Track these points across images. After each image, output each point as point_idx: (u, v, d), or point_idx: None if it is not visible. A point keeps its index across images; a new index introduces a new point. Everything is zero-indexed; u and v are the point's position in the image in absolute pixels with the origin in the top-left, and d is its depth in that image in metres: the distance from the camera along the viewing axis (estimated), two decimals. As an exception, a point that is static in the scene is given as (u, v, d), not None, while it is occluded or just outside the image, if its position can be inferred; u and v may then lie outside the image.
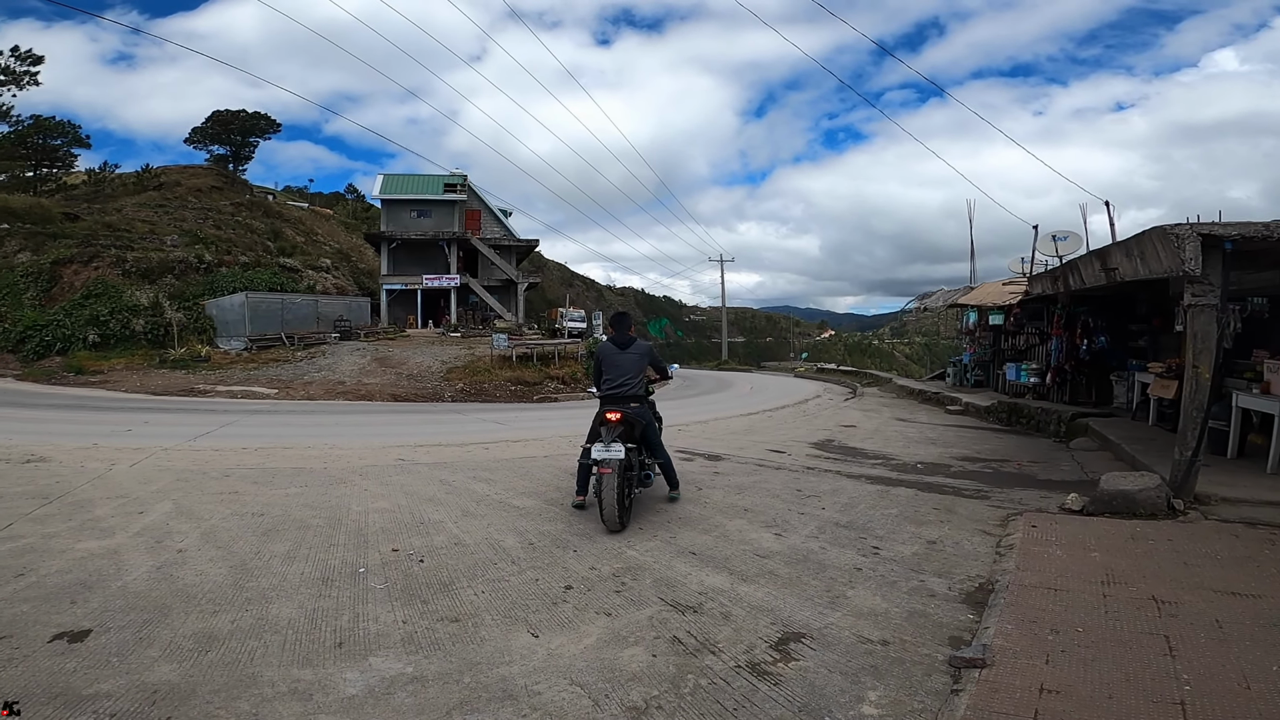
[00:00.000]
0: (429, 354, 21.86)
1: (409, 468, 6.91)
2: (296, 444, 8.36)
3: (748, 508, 5.68)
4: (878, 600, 3.71)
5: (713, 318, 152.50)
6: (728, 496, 6.06)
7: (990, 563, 4.36)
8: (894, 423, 11.91)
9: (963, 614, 3.52)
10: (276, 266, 28.98)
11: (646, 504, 5.67)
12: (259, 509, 5.12)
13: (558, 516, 5.22)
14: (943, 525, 5.25)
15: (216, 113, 41.55)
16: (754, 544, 4.69)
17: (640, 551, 4.44)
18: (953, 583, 4.00)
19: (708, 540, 4.74)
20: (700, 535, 4.85)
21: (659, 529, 4.97)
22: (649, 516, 5.28)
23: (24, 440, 8.20)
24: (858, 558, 4.44)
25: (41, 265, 23.92)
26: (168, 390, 16.79)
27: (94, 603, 3.37)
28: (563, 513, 5.32)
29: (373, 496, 5.61)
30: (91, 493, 5.43)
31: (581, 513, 5.27)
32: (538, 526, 4.93)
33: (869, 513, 5.60)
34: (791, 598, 3.73)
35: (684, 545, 4.61)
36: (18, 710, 2.35)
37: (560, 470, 6.97)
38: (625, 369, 5.28)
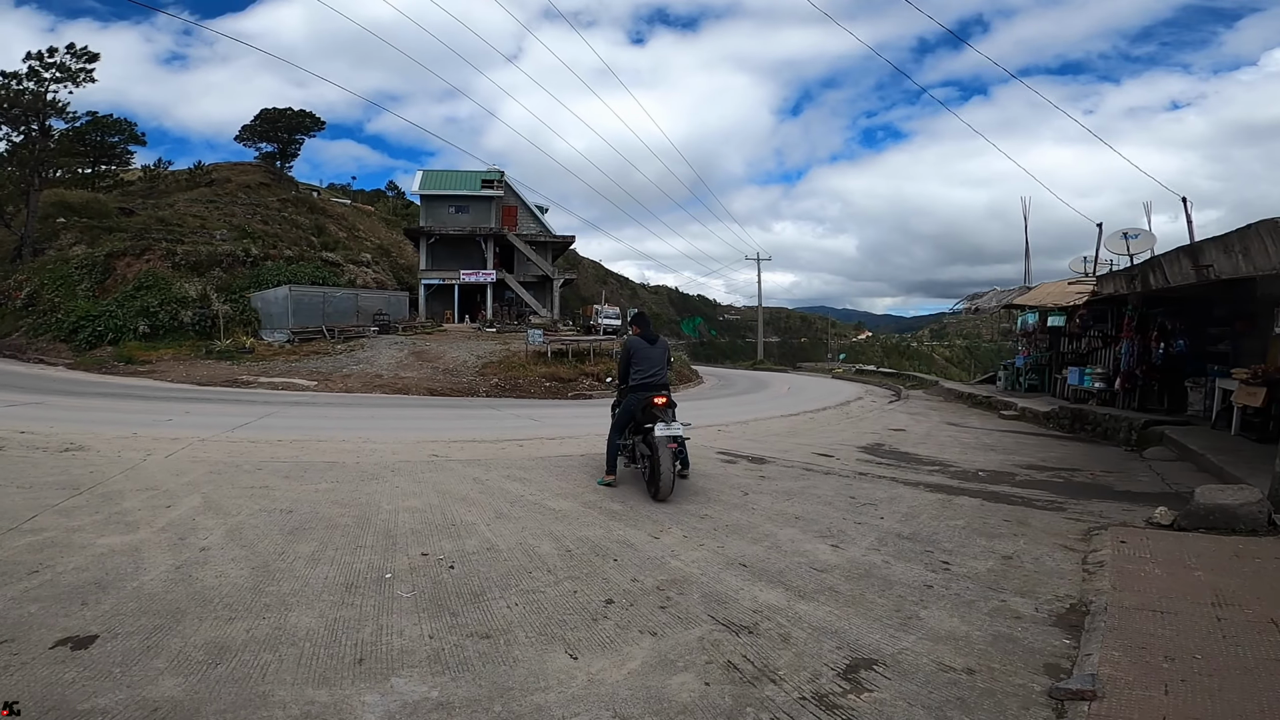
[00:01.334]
0: (465, 349, 21.86)
1: (442, 465, 6.69)
2: (331, 437, 8.24)
3: (799, 515, 5.28)
4: (956, 622, 3.31)
5: (747, 317, 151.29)
6: (776, 503, 5.66)
7: (1078, 581, 3.93)
8: (945, 427, 11.30)
9: (1056, 639, 3.13)
10: (319, 261, 29.46)
11: (685, 508, 5.32)
12: (288, 505, 4.93)
13: (596, 521, 4.90)
14: (1017, 539, 4.79)
15: (264, 111, 42.60)
16: (810, 556, 4.31)
17: (686, 562, 4.09)
18: (1039, 603, 3.58)
19: (758, 551, 4.37)
20: (750, 545, 4.49)
21: (705, 537, 4.62)
22: (692, 523, 4.93)
23: (66, 428, 8.27)
24: (927, 573, 4.03)
25: (95, 258, 24.70)
26: (212, 380, 17.08)
27: (106, 605, 3.17)
28: (601, 517, 5.01)
29: (404, 494, 5.38)
30: (123, 484, 5.32)
31: (620, 518, 4.97)
32: (575, 531, 4.62)
33: (933, 524, 5.15)
34: (857, 618, 3.34)
35: (733, 555, 4.25)
36: (18, 710, 2.27)
37: (598, 470, 6.66)
38: (655, 361, 5.90)
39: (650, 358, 5.88)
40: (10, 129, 25.53)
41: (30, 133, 25.85)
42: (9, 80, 24.87)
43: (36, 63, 25.11)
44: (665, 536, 4.61)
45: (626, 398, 5.92)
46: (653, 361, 5.87)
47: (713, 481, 6.39)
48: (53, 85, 25.49)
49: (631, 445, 5.93)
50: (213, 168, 42.03)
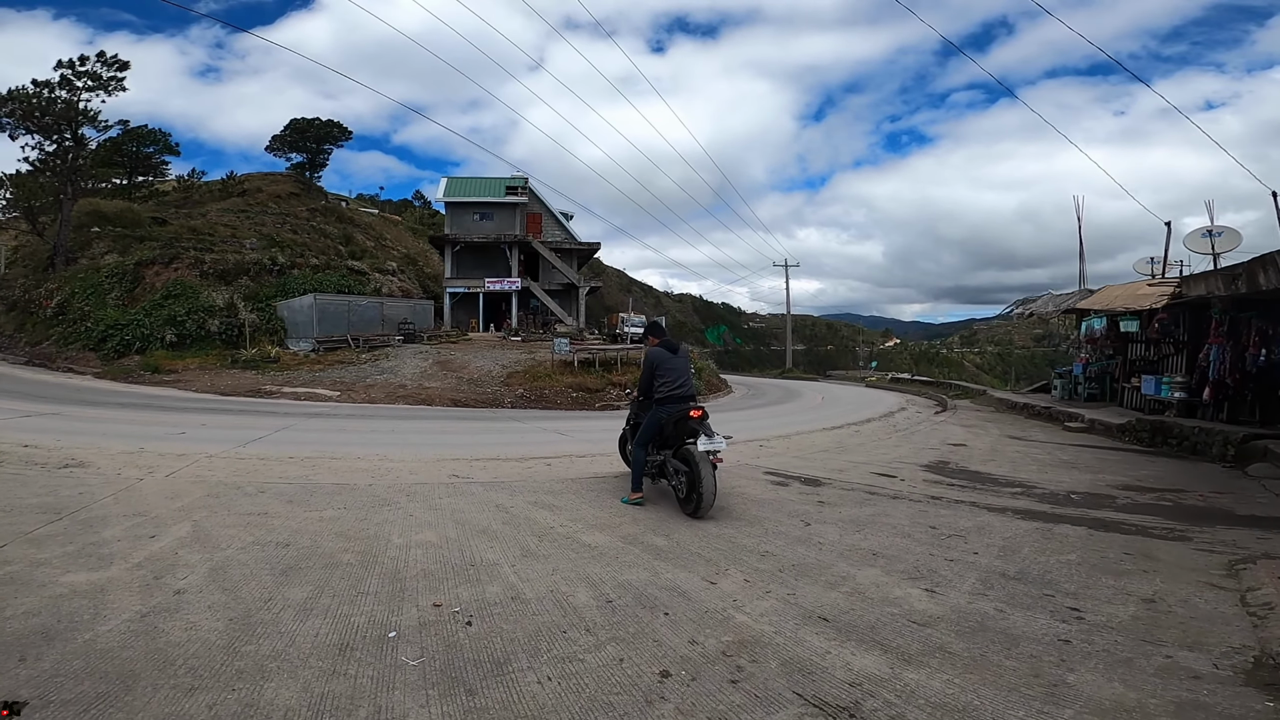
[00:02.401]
0: (489, 358, 21.37)
1: (462, 488, 6.04)
2: (346, 454, 7.66)
3: (876, 551, 4.50)
4: (1118, 687, 2.61)
5: (772, 325, 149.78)
6: (845, 535, 4.89)
7: (1249, 628, 3.20)
8: (1009, 441, 10.35)
9: (1255, 702, 2.46)
10: (345, 269, 29.34)
11: (740, 543, 4.58)
12: (285, 537, 4.31)
13: (638, 560, 4.18)
14: (1149, 576, 4.00)
15: (294, 121, 42.90)
16: (902, 604, 3.55)
17: (753, 616, 3.35)
18: (1215, 658, 2.87)
19: (838, 599, 3.61)
20: (827, 591, 3.73)
21: (770, 580, 3.88)
22: (751, 563, 4.19)
23: (73, 441, 7.82)
24: (1056, 624, 3.28)
25: (125, 266, 24.79)
26: (236, 391, 16.78)
27: (47, 662, 2.57)
28: (644, 555, 4.28)
29: (418, 525, 4.72)
30: (109, 508, 4.76)
31: (667, 557, 4.26)
32: (615, 574, 3.90)
33: (1040, 559, 4.35)
34: (986, 688, 2.62)
35: (808, 606, 3.50)
36: (18, 710, 2.19)
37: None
38: (681, 371, 5.54)
39: (676, 368, 5.53)
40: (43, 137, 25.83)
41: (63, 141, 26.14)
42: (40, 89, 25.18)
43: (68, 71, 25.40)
44: (723, 581, 3.87)
45: (653, 411, 5.53)
46: (678, 372, 5.52)
47: (766, 509, 5.63)
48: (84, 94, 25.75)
49: (662, 461, 5.55)
50: (245, 178, 42.51)
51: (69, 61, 25.62)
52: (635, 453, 5.62)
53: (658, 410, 5.48)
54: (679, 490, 5.35)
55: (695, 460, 5.13)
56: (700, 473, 5.07)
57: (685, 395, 5.50)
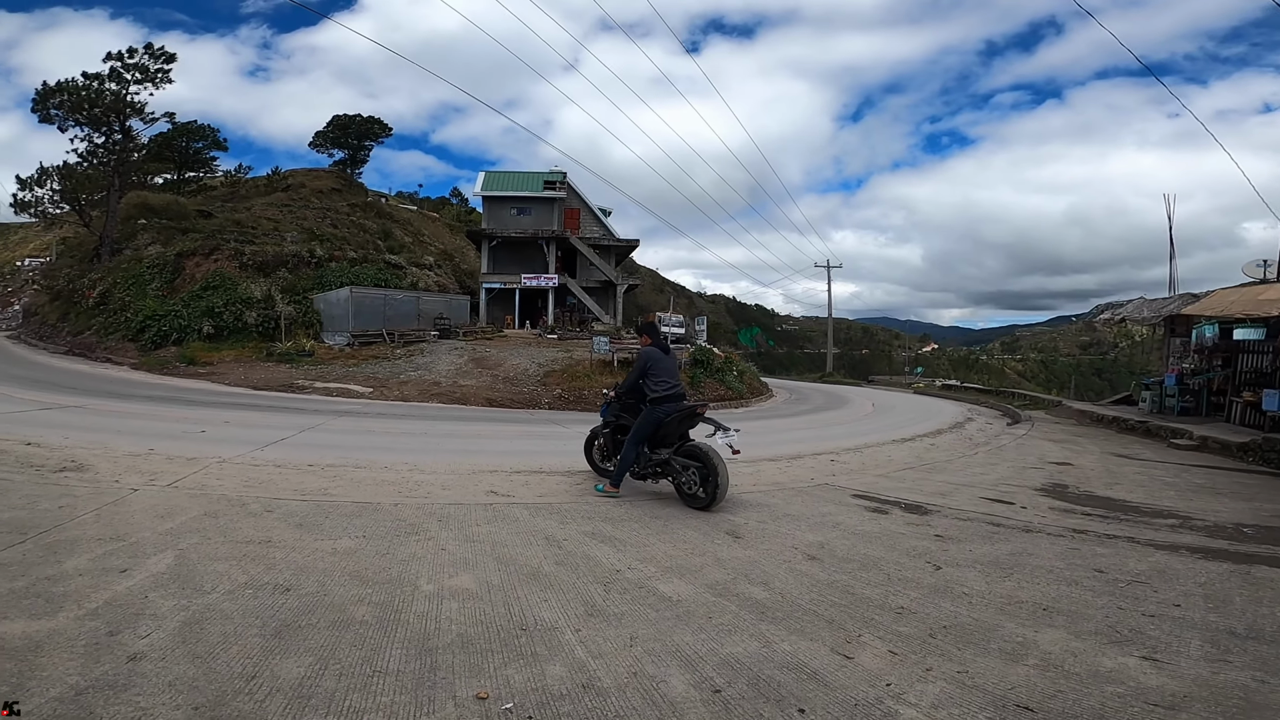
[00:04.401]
0: (526, 356, 20.59)
1: (503, 510, 5.11)
2: (372, 462, 6.82)
3: (1044, 604, 3.46)
4: None
5: (805, 327, 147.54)
6: (993, 583, 3.82)
7: None
8: (1120, 461, 9.04)
9: None
10: (382, 262, 28.95)
11: (861, 594, 3.54)
12: (287, 577, 3.43)
13: (739, 622, 3.19)
14: None
15: (336, 117, 43.07)
16: (1124, 680, 2.55)
17: (925, 709, 2.36)
18: None
19: (1029, 676, 2.61)
20: (1009, 665, 2.73)
21: (922, 650, 2.86)
22: (887, 623, 3.15)
23: (82, 439, 7.18)
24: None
25: (166, 257, 24.73)
26: (268, 385, 16.30)
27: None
28: (748, 615, 3.28)
29: (451, 564, 3.80)
30: (85, 528, 3.96)
31: (776, 617, 3.25)
32: (715, 645, 2.92)
33: (1262, 610, 3.34)
34: None
35: (994, 688, 2.51)
36: (18, 710, 2.09)
37: (713, 525, 4.95)
38: (673, 372, 5.67)
39: (669, 369, 5.64)
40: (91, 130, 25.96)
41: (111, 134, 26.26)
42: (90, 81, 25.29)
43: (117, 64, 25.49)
44: (861, 653, 2.87)
45: (649, 411, 5.50)
46: (671, 372, 5.64)
47: (875, 546, 4.58)
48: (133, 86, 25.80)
49: (665, 459, 5.51)
50: (289, 173, 42.74)
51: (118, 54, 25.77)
52: (628, 450, 5.56)
53: (654, 410, 5.47)
54: (688, 485, 5.35)
55: (707, 453, 5.28)
56: (715, 464, 5.21)
57: (678, 395, 5.57)
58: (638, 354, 5.80)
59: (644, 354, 5.65)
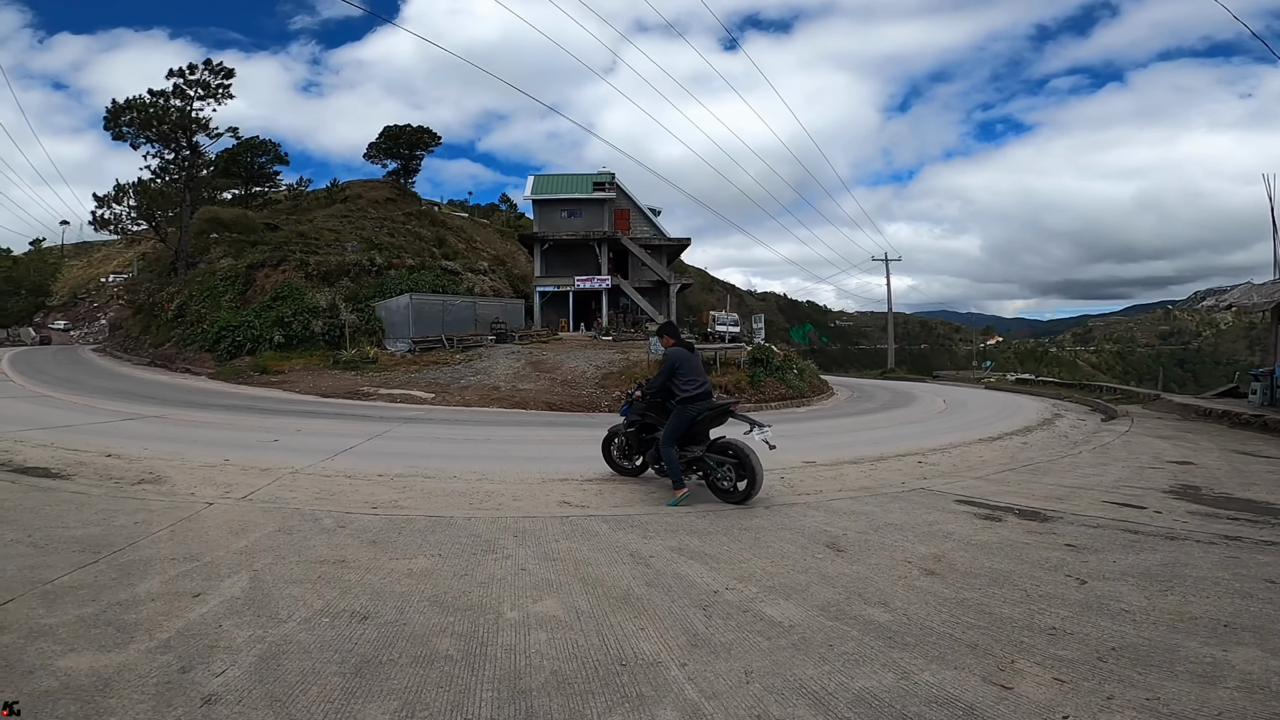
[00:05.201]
0: (582, 358, 20.44)
1: (580, 524, 4.80)
2: (440, 471, 6.64)
3: (1223, 621, 3.06)
4: None
5: (860, 323, 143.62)
6: (1153, 597, 3.26)
7: None
8: (1245, 459, 8.09)
9: None
10: (439, 269, 29.42)
11: (1000, 613, 3.05)
12: (364, 603, 3.19)
13: (867, 650, 2.76)
14: None
15: (387, 128, 44.18)
16: None
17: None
18: None
19: (1234, 699, 2.28)
20: (1205, 689, 2.37)
21: (1095, 675, 2.42)
22: (1042, 645, 2.65)
23: (160, 449, 7.27)
24: None
25: (238, 269, 25.73)
26: (335, 392, 16.61)
27: None
28: (871, 639, 2.84)
29: (534, 587, 3.50)
30: (160, 547, 3.83)
31: (907, 643, 2.80)
32: (845, 679, 2.51)
33: None
34: None
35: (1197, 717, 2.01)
36: (18, 710, 2.12)
37: (809, 538, 4.51)
38: (700, 370, 5.71)
39: (696, 367, 5.70)
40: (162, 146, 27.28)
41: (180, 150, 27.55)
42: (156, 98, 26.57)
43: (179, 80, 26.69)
44: (1021, 682, 2.44)
45: (679, 410, 5.51)
46: (698, 371, 5.71)
47: (1002, 557, 4.05)
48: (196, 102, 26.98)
49: (699, 456, 5.56)
50: (346, 185, 44.12)
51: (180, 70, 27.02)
52: (666, 452, 5.53)
53: (686, 409, 5.49)
54: (723, 480, 5.42)
55: (742, 448, 5.38)
56: (750, 459, 5.29)
57: (707, 393, 5.63)
58: (664, 355, 5.83)
59: (670, 354, 5.70)
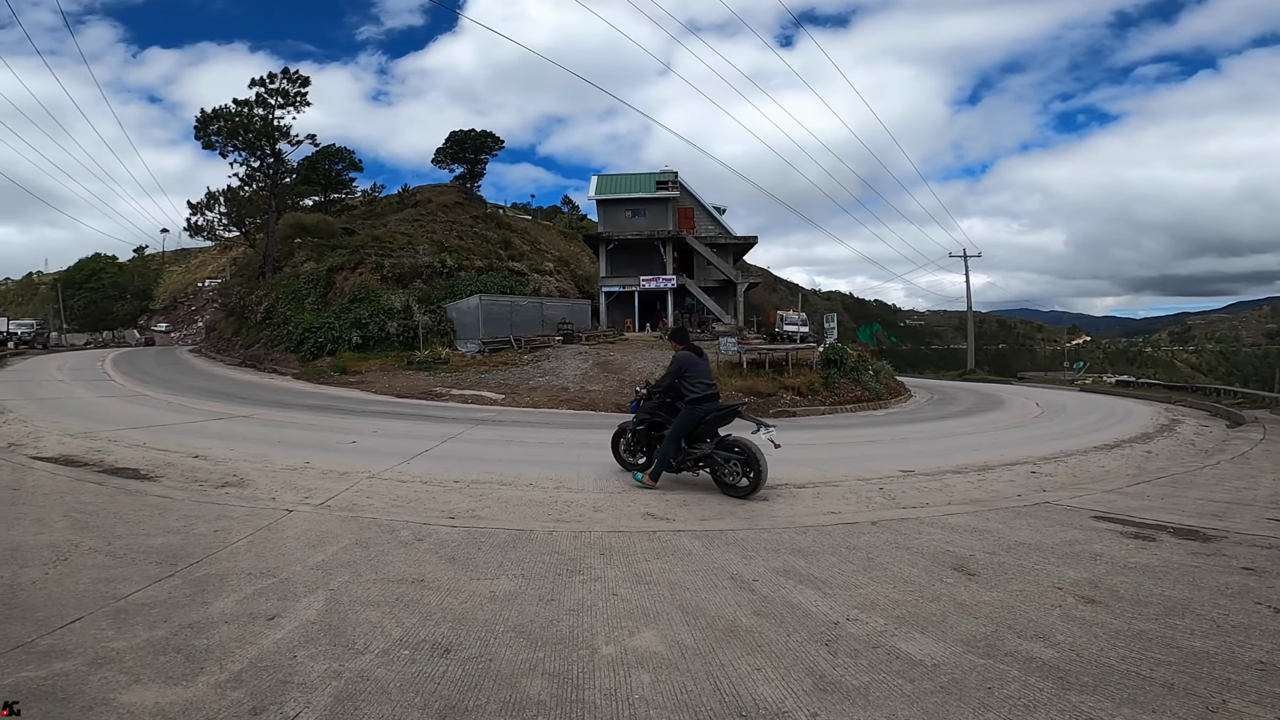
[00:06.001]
0: (650, 359, 20.12)
1: (669, 540, 4.40)
2: (516, 478, 6.39)
3: None
4: None
5: (932, 323, 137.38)
6: None
7: None
8: None
9: None
10: (506, 270, 29.79)
11: (1193, 646, 2.46)
12: (444, 633, 2.89)
13: (1037, 694, 2.25)
14: None
15: (452, 133, 45.34)
16: None
17: None
18: None
19: None
20: None
21: None
22: (1235, 679, 2.08)
23: (246, 451, 7.36)
24: None
25: (319, 273, 26.78)
26: (409, 392, 16.89)
27: None
28: (1039, 680, 2.33)
29: (629, 616, 3.12)
30: (237, 559, 3.68)
31: (1078, 683, 2.26)
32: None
33: None
34: None
35: None
36: (18, 710, 2.14)
37: (930, 558, 3.97)
38: (707, 373, 6.04)
39: (703, 370, 6.01)
40: (248, 154, 28.83)
41: (265, 158, 29.06)
42: (241, 107, 28.04)
43: (261, 89, 28.12)
44: None
45: (688, 410, 5.82)
46: (706, 373, 6.01)
47: (1171, 583, 3.39)
48: (277, 110, 28.39)
49: (707, 453, 5.84)
50: (416, 190, 45.51)
51: (260, 79, 28.49)
52: (667, 446, 5.87)
53: (694, 409, 5.80)
54: (730, 475, 5.71)
55: (748, 445, 5.67)
56: (756, 455, 5.60)
57: (715, 394, 5.95)
58: (673, 358, 6.16)
59: (679, 358, 6.05)
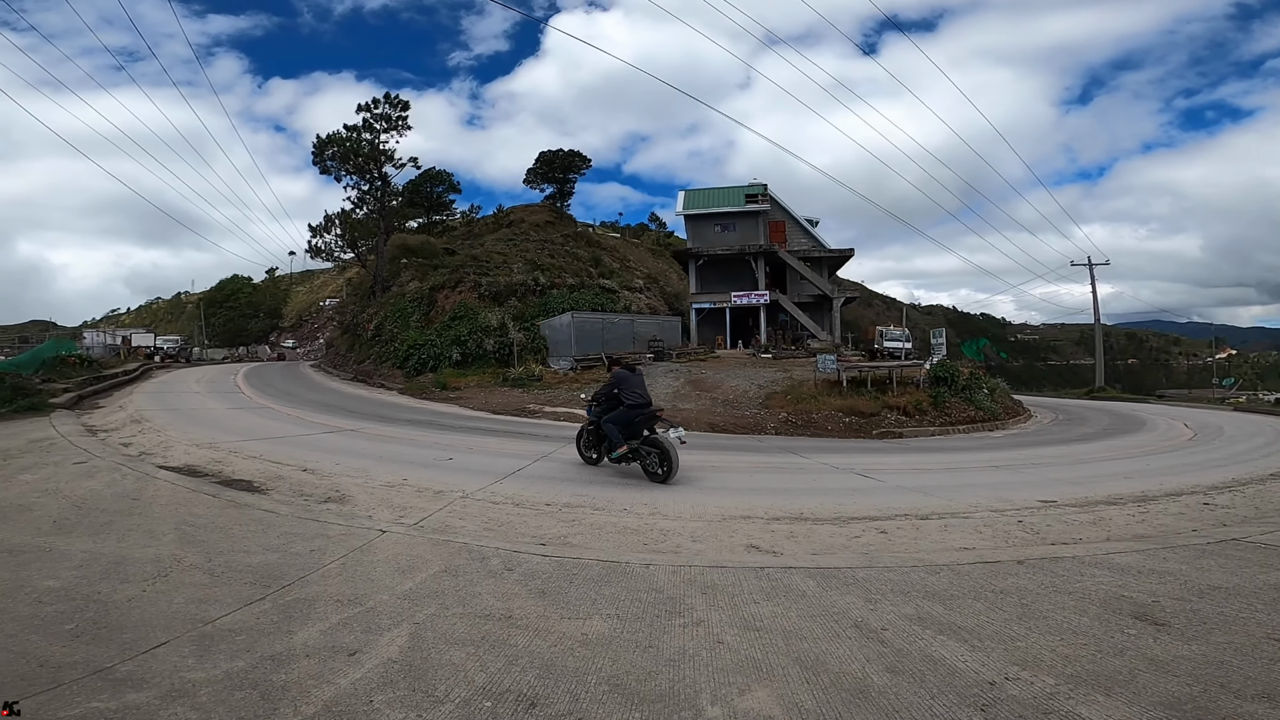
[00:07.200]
0: (743, 377, 19.52)
1: (779, 579, 3.94)
2: (609, 503, 6.12)
3: None
4: None
5: (1048, 337, 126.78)
6: None
7: None
8: None
9: None
10: (597, 288, 30.14)
11: None
12: (531, 681, 2.60)
13: None
14: None
15: (542, 153, 46.91)
16: None
17: None
18: None
19: None
20: None
21: None
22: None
23: (350, 465, 7.54)
24: None
25: (423, 292, 28.17)
26: (504, 409, 17.19)
27: None
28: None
29: (737, 670, 2.70)
30: (328, 583, 3.59)
31: None
32: None
33: None
34: None
35: None
36: (18, 710, 2.20)
37: (1104, 605, 3.30)
38: (639, 385, 7.85)
39: (635, 384, 7.77)
40: (358, 177, 31.09)
41: (374, 181, 31.26)
42: (351, 132, 30.27)
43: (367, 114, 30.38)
44: None
45: (623, 411, 7.60)
46: (636, 386, 7.76)
47: None
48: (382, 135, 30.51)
49: (636, 446, 7.43)
50: (510, 211, 47.27)
51: (366, 104, 30.86)
52: (611, 433, 7.59)
53: (629, 411, 7.56)
54: (651, 465, 7.28)
55: (662, 442, 7.28)
56: (668, 449, 7.21)
57: (645, 402, 7.63)
58: (611, 375, 7.98)
59: (616, 375, 7.90)
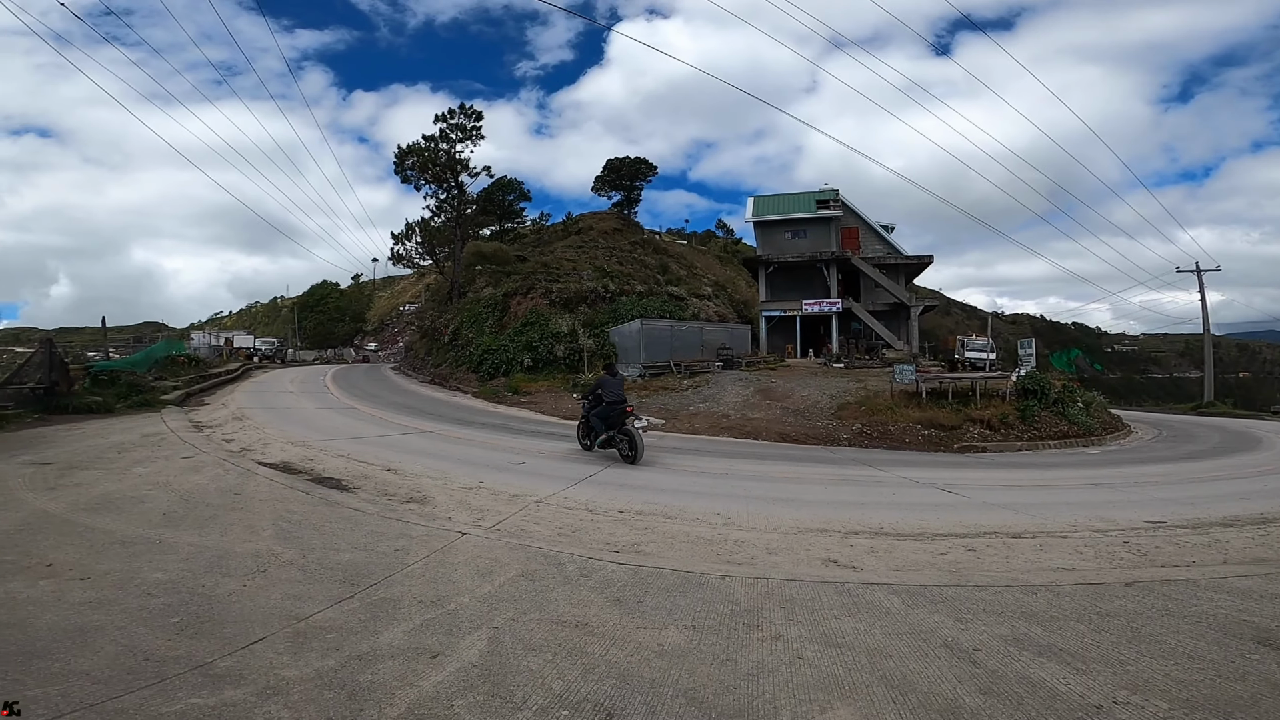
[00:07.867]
0: (814, 386, 19.06)
1: (860, 595, 3.80)
2: (682, 512, 6.08)
3: None
4: None
5: (1148, 348, 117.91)
6: None
7: None
8: None
9: None
10: (665, 295, 30.17)
11: None
12: (608, 691, 2.59)
13: None
14: None
15: (609, 161, 47.56)
16: None
17: None
18: None
19: None
20: None
21: None
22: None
23: (430, 467, 7.84)
24: None
25: (496, 298, 29.02)
26: (574, 414, 17.29)
27: None
28: None
29: (819, 687, 2.61)
30: (412, 584, 3.72)
31: None
32: None
33: None
34: None
35: None
36: (18, 710, 2.22)
37: (1220, 628, 3.00)
38: (618, 388, 9.81)
39: (613, 386, 9.81)
40: (436, 186, 32.60)
41: (450, 190, 32.65)
42: (429, 142, 31.73)
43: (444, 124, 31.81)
44: None
45: (603, 407, 9.60)
46: (615, 387, 9.78)
47: None
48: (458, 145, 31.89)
49: (611, 435, 9.50)
50: (579, 218, 48.12)
51: (442, 115, 32.38)
52: (595, 421, 9.63)
53: (608, 407, 9.54)
54: (623, 450, 9.36)
55: (632, 432, 9.33)
56: (635, 438, 9.28)
57: (621, 401, 9.62)
58: (597, 379, 10.31)
59: (600, 379, 10.13)
